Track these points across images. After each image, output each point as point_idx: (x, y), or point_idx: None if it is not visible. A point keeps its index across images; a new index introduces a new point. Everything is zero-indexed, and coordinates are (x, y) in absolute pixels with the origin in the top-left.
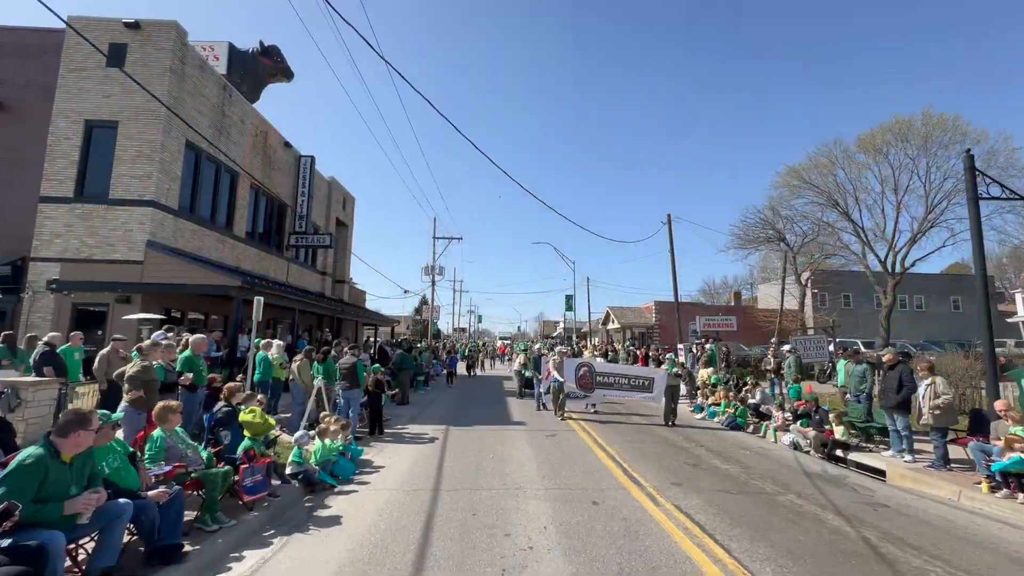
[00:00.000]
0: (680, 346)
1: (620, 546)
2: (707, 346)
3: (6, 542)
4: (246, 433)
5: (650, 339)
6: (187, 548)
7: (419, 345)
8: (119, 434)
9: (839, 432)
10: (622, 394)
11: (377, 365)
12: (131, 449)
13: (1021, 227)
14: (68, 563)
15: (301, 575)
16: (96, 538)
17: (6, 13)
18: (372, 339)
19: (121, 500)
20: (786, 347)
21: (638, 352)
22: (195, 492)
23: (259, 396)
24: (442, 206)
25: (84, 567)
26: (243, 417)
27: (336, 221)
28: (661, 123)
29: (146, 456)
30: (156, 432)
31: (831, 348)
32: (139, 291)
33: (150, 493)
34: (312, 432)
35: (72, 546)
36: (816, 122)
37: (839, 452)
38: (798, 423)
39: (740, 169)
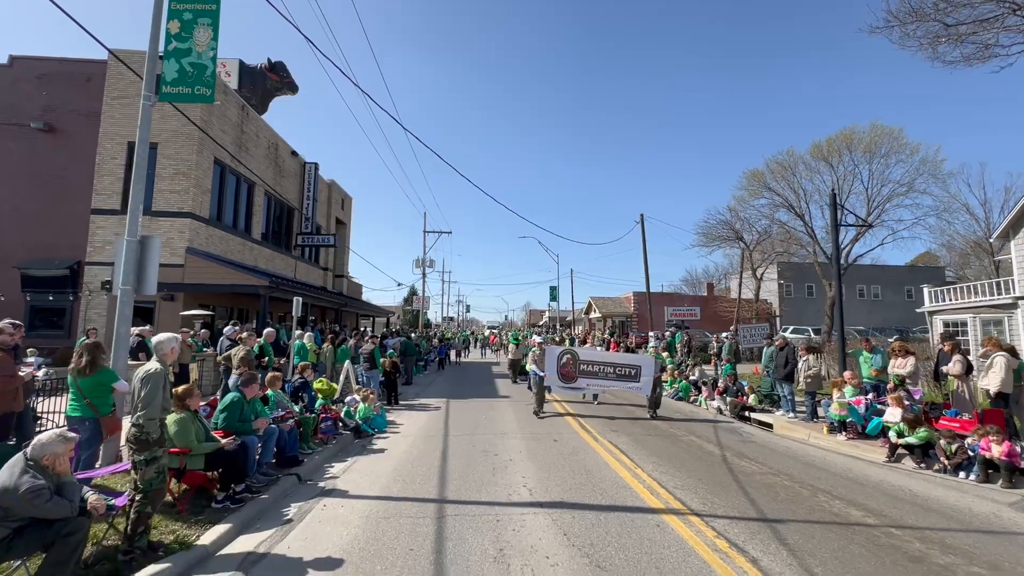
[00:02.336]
0: (651, 333)
1: (566, 458)
2: (666, 334)
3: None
4: (318, 395)
5: (629, 328)
6: (301, 459)
7: (413, 335)
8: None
9: (751, 399)
10: (607, 383)
11: (392, 351)
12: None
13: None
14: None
15: (373, 471)
16: (261, 445)
17: (52, 45)
18: (369, 329)
19: (272, 425)
20: (725, 334)
21: (611, 340)
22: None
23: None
24: (432, 202)
25: (258, 460)
26: (317, 385)
27: (336, 220)
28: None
29: (268, 406)
30: (269, 391)
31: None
32: (181, 291)
33: (282, 425)
34: (358, 397)
35: None
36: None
37: (748, 413)
38: (724, 393)
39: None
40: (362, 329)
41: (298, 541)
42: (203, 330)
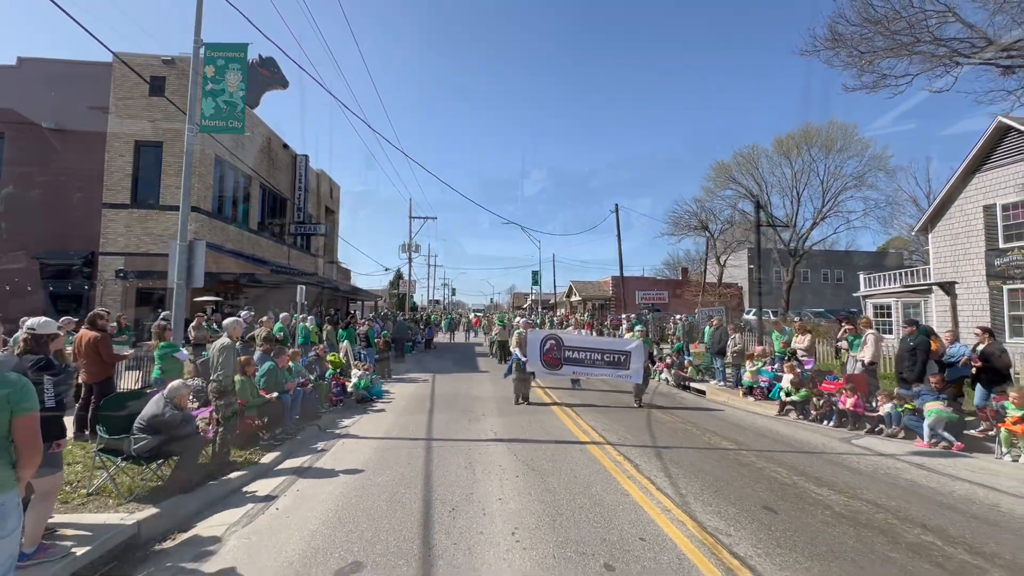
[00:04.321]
0: (623, 316)
1: (527, 414)
2: (633, 316)
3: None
4: (328, 367)
5: (608, 310)
6: (319, 414)
7: (401, 318)
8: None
9: (690, 371)
10: (594, 371)
11: (386, 332)
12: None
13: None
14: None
15: (376, 423)
16: (291, 402)
17: (58, 47)
18: (359, 312)
19: (297, 388)
20: (679, 317)
21: (585, 323)
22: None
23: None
24: (419, 190)
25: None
26: (330, 358)
27: (325, 209)
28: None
29: (292, 374)
30: (291, 363)
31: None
32: None
33: (307, 388)
34: (360, 372)
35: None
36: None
37: (688, 383)
38: (671, 367)
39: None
40: (353, 312)
41: (330, 461)
42: (216, 314)
